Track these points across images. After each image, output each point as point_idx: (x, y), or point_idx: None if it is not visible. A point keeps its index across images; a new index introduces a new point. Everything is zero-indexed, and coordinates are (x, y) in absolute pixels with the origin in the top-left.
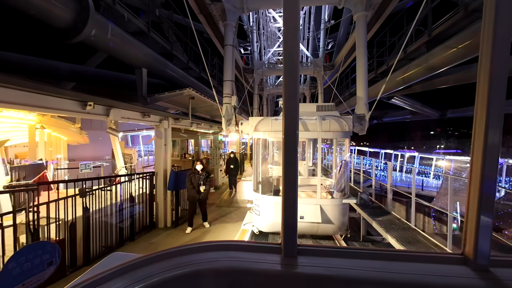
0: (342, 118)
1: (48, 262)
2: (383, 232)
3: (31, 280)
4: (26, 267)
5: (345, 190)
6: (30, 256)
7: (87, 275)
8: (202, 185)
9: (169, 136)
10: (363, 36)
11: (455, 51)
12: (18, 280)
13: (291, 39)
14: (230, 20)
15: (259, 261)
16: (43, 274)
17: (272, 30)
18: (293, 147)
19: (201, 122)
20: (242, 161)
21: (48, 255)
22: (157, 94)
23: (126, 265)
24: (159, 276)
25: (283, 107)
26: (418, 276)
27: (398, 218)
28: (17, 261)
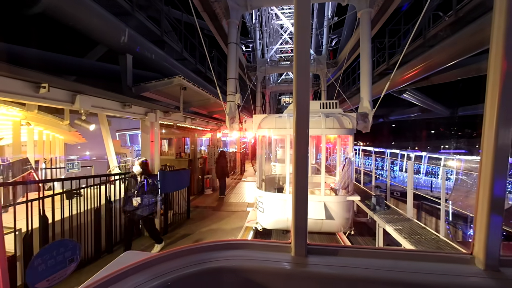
0: (346, 116)
1: (69, 259)
2: (408, 244)
3: (55, 276)
4: (50, 264)
5: (349, 187)
6: (53, 253)
7: (102, 274)
8: (135, 197)
9: (156, 131)
10: (367, 33)
11: (485, 34)
12: (43, 276)
13: (303, 38)
14: (234, 18)
15: (270, 260)
16: (66, 271)
17: (275, 28)
18: (304, 148)
19: (196, 117)
20: (243, 161)
21: (69, 252)
22: (143, 83)
23: (141, 263)
24: (172, 274)
25: (294, 108)
26: (427, 275)
27: (422, 227)
28: (42, 258)
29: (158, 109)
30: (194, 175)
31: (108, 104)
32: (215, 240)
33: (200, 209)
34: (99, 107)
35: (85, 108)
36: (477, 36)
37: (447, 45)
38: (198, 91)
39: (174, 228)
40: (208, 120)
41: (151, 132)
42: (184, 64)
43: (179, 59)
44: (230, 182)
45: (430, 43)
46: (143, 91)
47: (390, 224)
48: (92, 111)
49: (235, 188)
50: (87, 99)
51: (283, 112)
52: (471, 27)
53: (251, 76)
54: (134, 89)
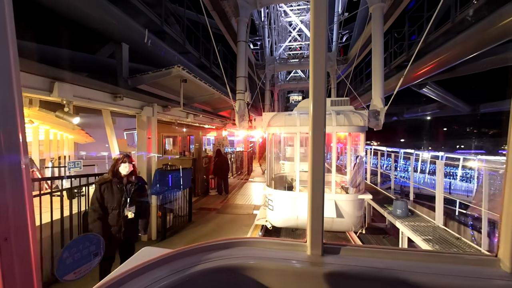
0: (357, 113)
1: (94, 253)
2: None
3: (81, 269)
4: (76, 257)
5: (361, 186)
6: (80, 247)
7: (123, 269)
8: (128, 206)
9: (154, 127)
10: (379, 28)
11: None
12: (70, 268)
13: (319, 35)
14: (243, 16)
15: (286, 259)
16: (90, 264)
17: (283, 25)
18: (321, 147)
19: (198, 113)
20: (251, 160)
21: (94, 246)
22: (139, 74)
23: (161, 258)
24: (191, 270)
25: (311, 107)
26: (449, 277)
27: (456, 237)
28: (70, 251)
29: (156, 103)
30: (198, 175)
31: (96, 95)
32: (231, 237)
33: (204, 211)
34: (84, 98)
35: (66, 98)
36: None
37: (480, 30)
38: (200, 85)
39: (173, 232)
40: (213, 117)
41: (148, 128)
42: (188, 58)
43: (182, 52)
44: (237, 182)
45: (458, 29)
46: (139, 83)
47: (417, 234)
48: (76, 103)
49: (241, 189)
50: (68, 88)
51: (293, 110)
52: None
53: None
54: (131, 82)
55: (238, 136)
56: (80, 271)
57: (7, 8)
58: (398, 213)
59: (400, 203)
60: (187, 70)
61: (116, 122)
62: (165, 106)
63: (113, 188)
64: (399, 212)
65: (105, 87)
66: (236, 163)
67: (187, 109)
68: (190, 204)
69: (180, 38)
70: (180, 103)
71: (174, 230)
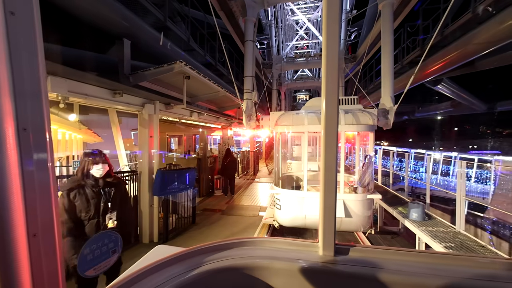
0: (366, 112)
1: (112, 250)
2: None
3: (100, 266)
4: (96, 254)
5: (370, 185)
6: (99, 244)
7: (138, 266)
8: (110, 213)
9: (156, 125)
10: (389, 25)
11: None
12: (91, 264)
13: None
14: (251, 16)
15: (298, 258)
16: (109, 261)
17: (290, 24)
18: (333, 147)
19: (203, 111)
20: (257, 160)
21: (112, 243)
22: (141, 71)
23: (175, 256)
24: (205, 267)
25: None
26: (462, 280)
27: (480, 244)
28: (90, 248)
29: (158, 100)
30: (203, 175)
31: (94, 91)
32: (245, 237)
33: (208, 212)
34: (81, 94)
35: (60, 93)
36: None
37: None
38: (204, 82)
39: (176, 234)
40: (218, 116)
41: (150, 127)
42: (193, 56)
43: (187, 50)
44: (243, 182)
45: (478, 20)
46: (141, 80)
47: (437, 240)
48: (73, 99)
49: (247, 189)
50: (62, 83)
51: (300, 109)
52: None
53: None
54: (132, 78)
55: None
56: (99, 267)
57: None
58: (414, 217)
59: (416, 206)
60: (190, 66)
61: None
62: (168, 104)
63: (87, 193)
64: (415, 216)
65: (102, 82)
66: (242, 163)
67: (190, 107)
68: (194, 205)
69: (185, 35)
70: (183, 101)
71: (177, 232)
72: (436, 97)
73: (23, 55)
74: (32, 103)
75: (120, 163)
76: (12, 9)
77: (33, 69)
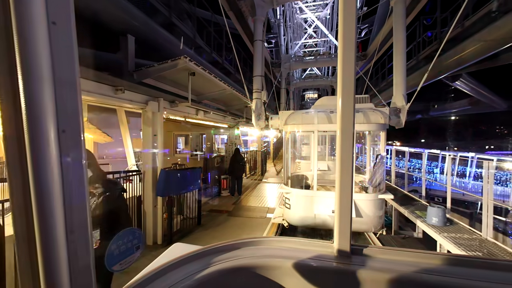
0: (377, 111)
1: (136, 246)
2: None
3: (125, 261)
4: (122, 249)
5: (381, 185)
6: (125, 240)
7: (157, 263)
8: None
9: (160, 123)
10: (401, 22)
11: None
12: (117, 259)
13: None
14: (260, 15)
15: (313, 259)
16: (133, 256)
17: (298, 22)
18: (349, 146)
19: (209, 109)
20: (265, 160)
21: (136, 240)
22: (144, 67)
23: (194, 254)
24: (223, 265)
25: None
26: (480, 283)
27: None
28: (117, 244)
29: (161, 97)
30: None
31: (93, 87)
32: (260, 236)
33: (214, 213)
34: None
35: None
36: None
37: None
38: (210, 78)
39: (180, 236)
40: (225, 115)
41: (154, 125)
42: (199, 53)
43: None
44: (250, 183)
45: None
46: (145, 77)
47: (462, 248)
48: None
49: (255, 190)
50: None
51: (310, 108)
52: None
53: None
54: (136, 75)
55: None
56: (125, 262)
57: (72, 25)
58: (434, 222)
59: (436, 210)
60: (194, 62)
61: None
62: (172, 102)
63: None
64: (435, 221)
65: (103, 78)
66: (250, 163)
67: (196, 105)
68: (199, 206)
69: (191, 32)
70: (188, 98)
71: (181, 234)
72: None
73: (63, 61)
74: (70, 106)
75: (128, 162)
76: (54, 19)
77: (71, 75)
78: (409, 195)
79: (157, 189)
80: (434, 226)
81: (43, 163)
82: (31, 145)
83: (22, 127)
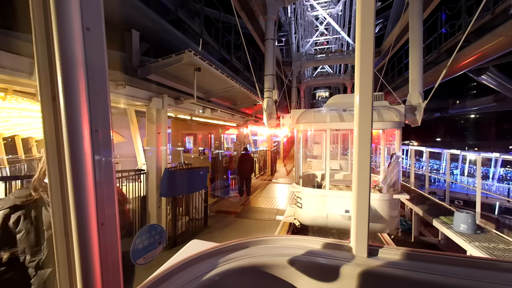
0: (392, 108)
1: (158, 242)
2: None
3: (148, 255)
4: (145, 244)
5: (396, 185)
6: (148, 234)
7: (177, 259)
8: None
9: (164, 120)
10: (418, 16)
11: None
12: (141, 253)
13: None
14: (271, 14)
15: (331, 258)
16: (156, 251)
17: (310, 20)
18: (366, 146)
19: (216, 107)
20: (275, 160)
21: (158, 235)
22: (148, 62)
23: (212, 250)
24: (242, 262)
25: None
26: (504, 287)
27: None
28: (141, 238)
29: (166, 93)
30: (217, 175)
31: None
32: (277, 235)
33: (222, 214)
34: None
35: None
36: None
37: None
38: (217, 74)
39: (186, 238)
40: (233, 113)
41: (158, 122)
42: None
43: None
44: (259, 183)
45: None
46: (150, 72)
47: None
48: None
49: (264, 191)
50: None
51: (322, 107)
52: None
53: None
54: (140, 71)
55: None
56: (148, 257)
57: (103, 30)
58: (462, 229)
59: (465, 216)
60: (200, 56)
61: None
62: (177, 98)
63: (39, 217)
64: (464, 228)
65: None
66: (259, 162)
67: (201, 102)
68: (206, 207)
69: (198, 28)
70: (194, 95)
71: (187, 236)
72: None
73: (96, 65)
74: (101, 106)
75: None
76: (88, 25)
77: (102, 78)
78: (431, 198)
79: (160, 189)
80: (463, 234)
81: (79, 160)
82: (69, 143)
83: (61, 127)
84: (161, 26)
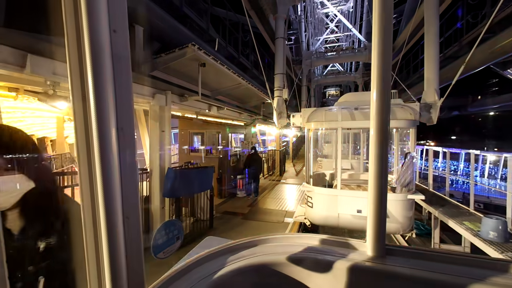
0: (406, 106)
1: (176, 237)
2: None
3: (168, 250)
4: (165, 239)
5: (410, 185)
6: (167, 230)
7: (192, 254)
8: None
9: (167, 117)
10: (434, 10)
11: None
12: (161, 248)
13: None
14: (281, 13)
15: (347, 258)
16: (174, 246)
17: (320, 17)
18: (383, 145)
19: (222, 105)
20: (284, 160)
21: (176, 231)
22: (151, 58)
23: (228, 246)
24: (258, 259)
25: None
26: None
27: None
28: (161, 233)
29: (169, 90)
30: (224, 175)
31: None
32: (291, 233)
33: (229, 216)
34: None
35: (43, 76)
36: None
37: None
38: (222, 70)
39: (190, 240)
40: (240, 111)
41: (162, 120)
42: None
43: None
44: (268, 183)
45: None
46: (153, 69)
47: None
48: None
49: (273, 191)
50: (45, 63)
51: (333, 105)
52: None
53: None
54: (144, 67)
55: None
56: (167, 251)
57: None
58: (492, 237)
59: (495, 222)
60: (204, 51)
61: None
62: (182, 95)
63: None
64: (493, 236)
65: None
66: (268, 162)
67: (206, 99)
68: (212, 208)
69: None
70: (198, 92)
71: (191, 238)
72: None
73: (121, 66)
74: (125, 105)
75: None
76: (114, 27)
77: (127, 78)
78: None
79: (163, 189)
80: (492, 243)
81: (107, 157)
82: (99, 142)
83: (91, 126)
84: (167, 21)
